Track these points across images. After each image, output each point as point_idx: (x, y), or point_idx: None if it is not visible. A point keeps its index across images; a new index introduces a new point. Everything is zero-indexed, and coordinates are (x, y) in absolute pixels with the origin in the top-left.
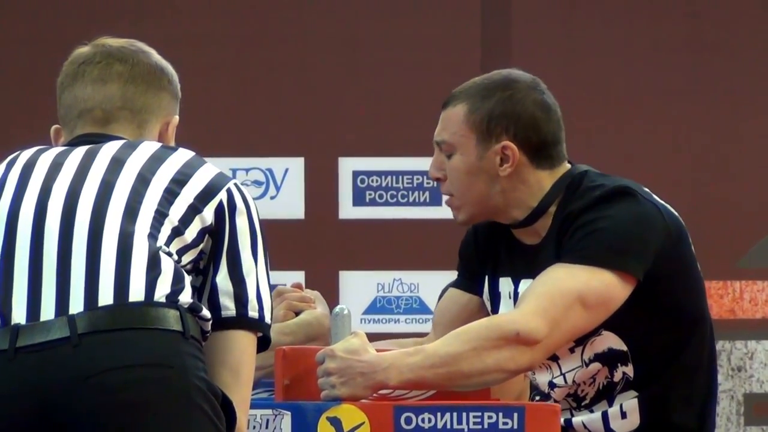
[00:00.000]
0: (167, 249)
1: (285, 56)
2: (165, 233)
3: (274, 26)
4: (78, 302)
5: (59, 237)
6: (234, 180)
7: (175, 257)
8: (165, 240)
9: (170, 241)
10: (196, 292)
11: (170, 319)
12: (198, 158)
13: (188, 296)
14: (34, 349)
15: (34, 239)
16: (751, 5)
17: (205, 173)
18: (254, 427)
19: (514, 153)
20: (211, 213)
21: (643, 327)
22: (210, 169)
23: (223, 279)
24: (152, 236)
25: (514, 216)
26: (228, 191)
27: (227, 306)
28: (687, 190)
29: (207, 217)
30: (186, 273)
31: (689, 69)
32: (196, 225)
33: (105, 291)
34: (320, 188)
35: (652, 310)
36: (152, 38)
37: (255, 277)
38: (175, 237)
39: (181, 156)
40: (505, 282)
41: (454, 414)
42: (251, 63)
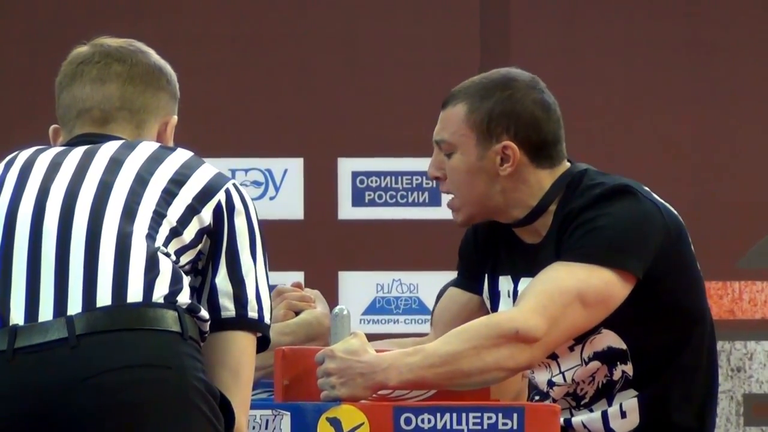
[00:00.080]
0: (165, 250)
1: (284, 56)
2: (163, 234)
3: (274, 26)
4: (76, 303)
5: (57, 237)
6: (233, 180)
7: (174, 258)
8: (163, 240)
9: (168, 242)
10: (195, 293)
11: (168, 320)
12: (196, 158)
13: (186, 297)
14: (33, 350)
15: (32, 240)
16: (751, 5)
17: (204, 173)
18: (254, 428)
19: (515, 153)
20: (210, 213)
21: (643, 326)
22: (208, 170)
23: (222, 280)
24: (150, 237)
25: (514, 215)
26: (226, 191)
27: (227, 307)
28: (687, 190)
29: (205, 218)
30: (184, 274)
31: (689, 69)
32: (195, 225)
33: (103, 292)
34: (319, 189)
35: (652, 309)
36: (151, 38)
37: (254, 278)
38: (174, 237)
39: (180, 156)
40: (505, 280)
41: (454, 414)
42: (250, 63)
